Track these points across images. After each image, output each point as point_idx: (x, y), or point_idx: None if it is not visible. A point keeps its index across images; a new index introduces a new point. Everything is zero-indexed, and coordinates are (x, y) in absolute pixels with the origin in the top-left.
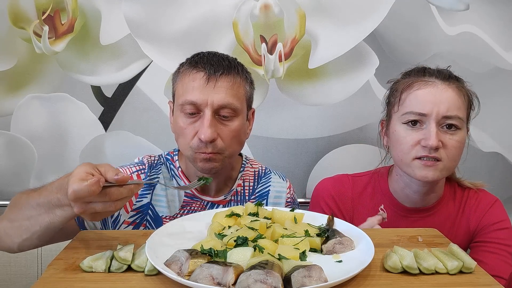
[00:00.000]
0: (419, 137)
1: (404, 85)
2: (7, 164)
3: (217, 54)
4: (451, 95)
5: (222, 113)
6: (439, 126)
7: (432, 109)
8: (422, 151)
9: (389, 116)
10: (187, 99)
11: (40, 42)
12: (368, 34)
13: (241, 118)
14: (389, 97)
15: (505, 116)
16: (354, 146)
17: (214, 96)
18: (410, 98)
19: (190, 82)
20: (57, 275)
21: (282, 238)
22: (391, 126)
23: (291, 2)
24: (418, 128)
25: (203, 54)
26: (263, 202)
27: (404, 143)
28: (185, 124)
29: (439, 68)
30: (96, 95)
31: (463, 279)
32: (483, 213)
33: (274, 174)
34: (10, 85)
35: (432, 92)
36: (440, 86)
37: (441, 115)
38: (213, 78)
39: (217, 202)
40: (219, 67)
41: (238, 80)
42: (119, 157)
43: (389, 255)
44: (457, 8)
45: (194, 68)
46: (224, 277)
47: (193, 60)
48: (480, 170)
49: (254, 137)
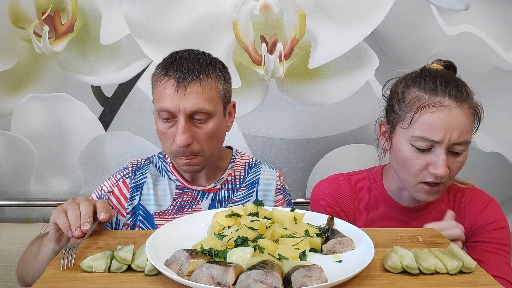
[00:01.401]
0: (427, 161)
1: (415, 103)
2: (7, 164)
3: (189, 57)
4: (463, 121)
5: (196, 117)
6: (447, 150)
7: (444, 136)
8: (429, 176)
9: (392, 125)
10: (161, 106)
11: (40, 42)
12: (368, 34)
13: (216, 118)
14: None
15: (505, 116)
16: (354, 146)
17: (186, 103)
18: (422, 121)
19: (162, 90)
20: (57, 275)
21: (282, 238)
22: (396, 140)
23: (291, 2)
24: (426, 153)
25: (175, 57)
26: (253, 190)
27: (412, 165)
28: (163, 129)
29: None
30: (96, 95)
31: (463, 279)
32: (478, 212)
33: (264, 165)
34: (10, 85)
35: (446, 119)
36: (453, 111)
37: (452, 142)
38: (183, 85)
39: (207, 190)
40: (189, 73)
41: (209, 83)
42: (119, 157)
43: (389, 255)
44: (457, 8)
45: (165, 76)
46: (224, 277)
47: (165, 65)
48: (480, 170)
49: (254, 137)
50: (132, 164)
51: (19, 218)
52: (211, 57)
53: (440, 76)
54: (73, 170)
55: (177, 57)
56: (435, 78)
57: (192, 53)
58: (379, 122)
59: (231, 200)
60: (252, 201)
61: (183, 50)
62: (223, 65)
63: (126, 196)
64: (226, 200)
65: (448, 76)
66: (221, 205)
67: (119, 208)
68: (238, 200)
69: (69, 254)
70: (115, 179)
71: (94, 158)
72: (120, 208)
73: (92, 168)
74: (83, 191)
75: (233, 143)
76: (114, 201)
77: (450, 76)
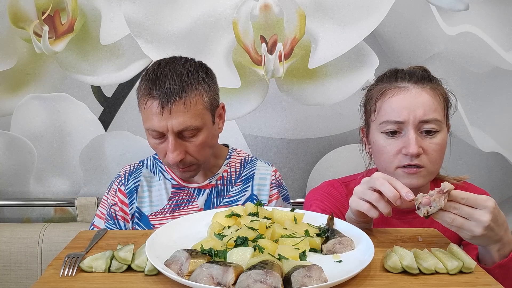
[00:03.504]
0: (400, 145)
1: (377, 93)
2: (7, 164)
3: (169, 73)
4: (425, 99)
5: (185, 134)
6: (418, 132)
7: (408, 115)
8: (404, 159)
9: (367, 124)
10: (149, 126)
11: (40, 42)
12: (368, 34)
13: (205, 130)
14: (365, 104)
15: (505, 116)
16: (354, 146)
17: (172, 122)
18: (385, 106)
19: (148, 110)
20: (57, 275)
21: (282, 238)
22: (371, 135)
23: (291, 2)
24: (397, 137)
25: (156, 73)
26: (248, 185)
27: (385, 152)
28: (155, 144)
29: (411, 68)
30: (96, 95)
31: (463, 279)
32: None
33: (260, 161)
34: (10, 85)
35: (406, 98)
36: (413, 91)
37: (418, 120)
38: (167, 106)
39: (203, 187)
40: (171, 93)
41: (193, 99)
42: (119, 157)
43: (389, 255)
44: (457, 8)
45: (149, 96)
46: (224, 277)
47: (147, 84)
48: (480, 170)
49: (254, 137)
50: (125, 171)
51: (19, 218)
52: (193, 66)
53: (401, 70)
54: (73, 170)
55: (158, 73)
56: (397, 71)
57: (173, 65)
58: (360, 127)
59: (227, 195)
60: (247, 196)
61: (165, 61)
62: (207, 70)
63: (125, 203)
64: (221, 196)
65: (411, 70)
66: (217, 200)
67: (124, 216)
68: (233, 195)
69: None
70: (113, 190)
71: (94, 158)
72: (125, 216)
73: (92, 168)
74: (83, 191)
75: (233, 143)
76: (119, 211)
77: (413, 69)
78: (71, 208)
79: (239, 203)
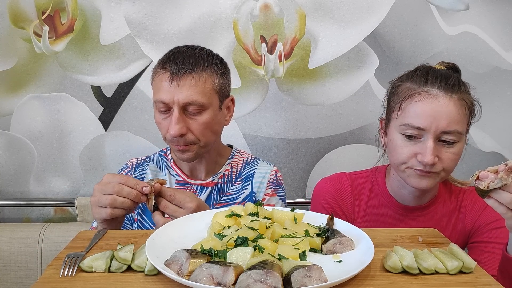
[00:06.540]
0: (416, 150)
1: (405, 93)
2: (7, 164)
3: (186, 52)
4: (451, 110)
5: (190, 109)
6: (437, 140)
7: (431, 124)
8: (418, 164)
9: (388, 119)
10: (157, 98)
11: (40, 42)
12: (368, 34)
13: (210, 111)
14: (389, 98)
15: (505, 116)
16: (354, 146)
17: (179, 95)
18: (410, 109)
19: (159, 82)
20: (57, 275)
21: (282, 238)
22: (389, 131)
23: (291, 2)
24: (415, 141)
25: (173, 52)
26: (248, 183)
27: (400, 153)
28: (160, 119)
29: (443, 69)
30: (96, 95)
31: (463, 279)
32: (478, 212)
33: (262, 161)
34: (10, 85)
35: (433, 107)
36: (441, 100)
37: (440, 130)
38: (177, 77)
39: (205, 184)
40: (183, 66)
41: (203, 76)
42: (119, 157)
43: (389, 255)
44: (457, 8)
45: (162, 68)
46: (224, 277)
47: (163, 59)
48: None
49: (254, 137)
50: (132, 162)
51: (19, 218)
52: (210, 52)
53: (433, 71)
54: (73, 170)
55: (175, 52)
56: (428, 72)
57: (190, 48)
58: (380, 119)
59: (227, 193)
60: (246, 194)
61: (184, 45)
62: (222, 60)
63: None
64: (222, 193)
65: (443, 72)
66: (217, 197)
67: None
68: (233, 193)
69: (71, 263)
70: None
71: (94, 158)
72: None
73: (92, 168)
74: (83, 191)
75: (233, 143)
76: None
77: (445, 72)
78: (71, 208)
79: (238, 200)
